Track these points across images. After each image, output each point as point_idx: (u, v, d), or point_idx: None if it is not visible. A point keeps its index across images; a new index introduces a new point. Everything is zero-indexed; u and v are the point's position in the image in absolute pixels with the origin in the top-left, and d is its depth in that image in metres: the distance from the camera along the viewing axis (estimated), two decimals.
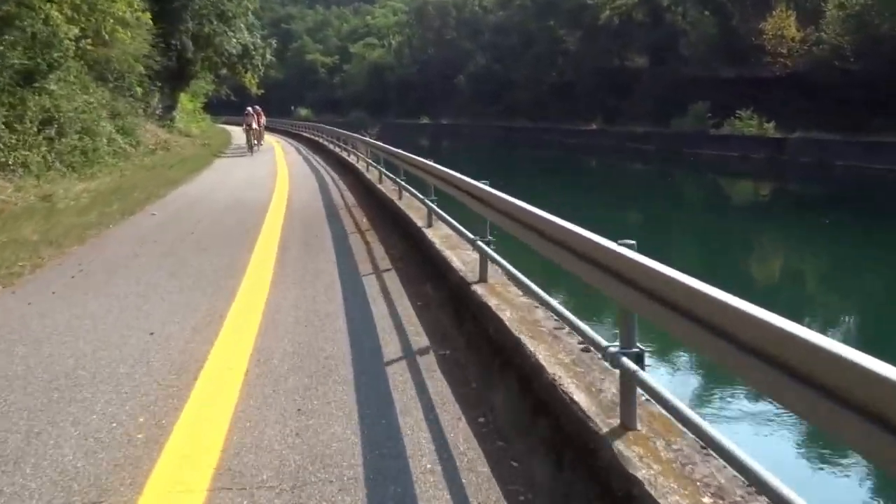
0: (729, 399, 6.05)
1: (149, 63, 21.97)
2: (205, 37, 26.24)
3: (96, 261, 6.70)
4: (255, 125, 24.41)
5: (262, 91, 49.78)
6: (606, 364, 2.83)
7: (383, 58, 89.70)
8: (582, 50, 52.84)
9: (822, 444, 5.11)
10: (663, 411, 2.45)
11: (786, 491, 1.61)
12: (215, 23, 26.62)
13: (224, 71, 30.26)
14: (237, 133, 37.10)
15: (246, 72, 29.95)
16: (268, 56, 31.80)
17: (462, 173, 5.88)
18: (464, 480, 2.66)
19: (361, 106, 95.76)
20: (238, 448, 2.85)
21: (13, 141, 12.16)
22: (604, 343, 2.71)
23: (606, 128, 47.22)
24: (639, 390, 2.46)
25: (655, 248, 3.49)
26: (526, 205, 3.80)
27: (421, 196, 7.50)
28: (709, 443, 2.00)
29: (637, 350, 2.48)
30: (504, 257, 4.45)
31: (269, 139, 38.26)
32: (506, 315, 3.82)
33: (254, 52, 29.62)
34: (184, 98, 32.54)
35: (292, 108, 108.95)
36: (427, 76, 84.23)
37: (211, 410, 3.23)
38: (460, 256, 5.44)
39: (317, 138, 29.35)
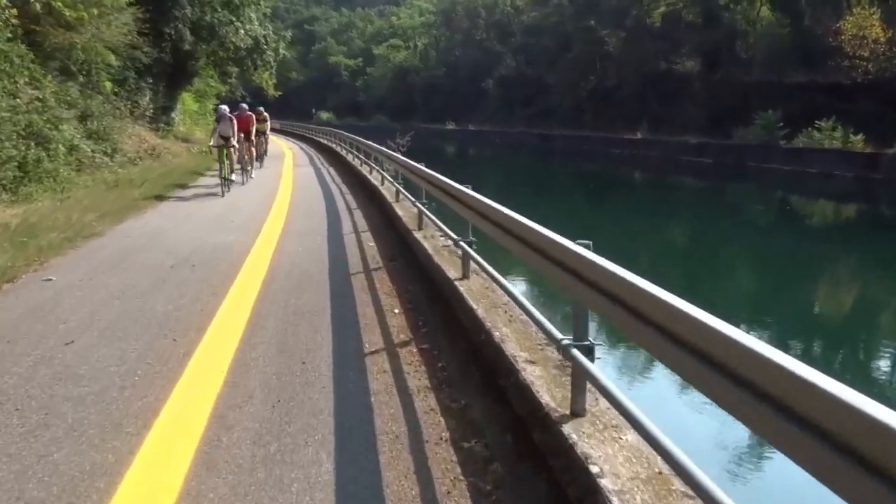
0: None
1: (134, 55, 18.26)
2: (207, 27, 22.52)
3: None
4: (239, 140, 14.57)
5: (280, 93, 46.43)
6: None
7: (408, 60, 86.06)
8: (625, 52, 48.47)
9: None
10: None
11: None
12: (220, 11, 22.87)
13: (232, 67, 26.46)
14: None
15: (255, 68, 26.13)
16: (281, 51, 27.94)
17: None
18: None
19: (384, 110, 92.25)
20: None
21: None
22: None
23: (652, 137, 42.82)
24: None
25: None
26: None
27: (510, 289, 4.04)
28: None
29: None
30: None
31: (283, 145, 34.63)
32: None
33: (265, 46, 25.81)
34: (187, 98, 28.89)
35: (313, 111, 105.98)
36: (454, 79, 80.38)
37: None
38: None
39: (335, 146, 25.56)
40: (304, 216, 10.76)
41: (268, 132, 19.81)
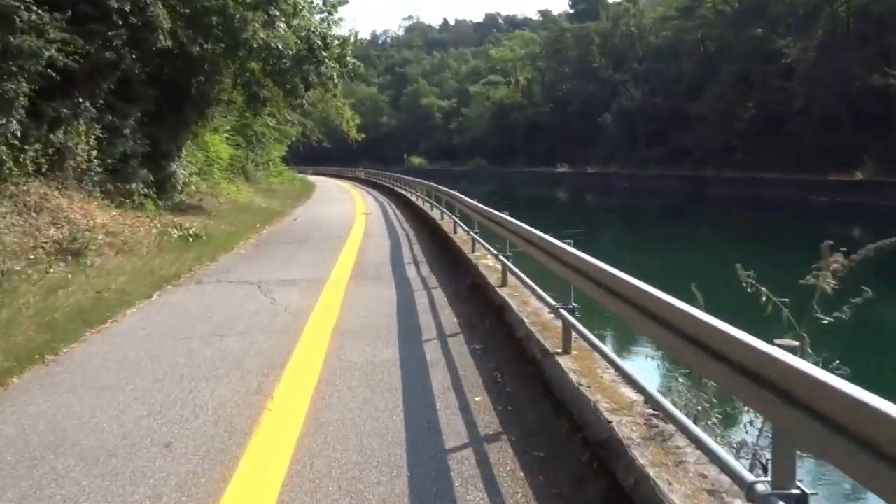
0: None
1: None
2: (209, 18, 13.04)
3: None
4: None
5: (364, 135, 37.44)
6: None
7: (509, 97, 76.40)
8: (815, 67, 35.90)
9: None
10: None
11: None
12: None
13: (272, 87, 16.76)
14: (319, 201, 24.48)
15: (308, 87, 16.35)
16: (349, 58, 18.02)
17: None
18: None
19: (482, 152, 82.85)
20: None
21: None
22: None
23: (880, 179, 29.75)
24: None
25: None
26: None
27: None
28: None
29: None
30: None
31: (359, 199, 25.19)
32: None
33: (323, 53, 16.10)
34: (216, 140, 19.65)
35: (405, 156, 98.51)
36: (562, 116, 69.80)
37: None
38: None
39: (423, 205, 15.64)
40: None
41: None
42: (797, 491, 1.80)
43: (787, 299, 3.43)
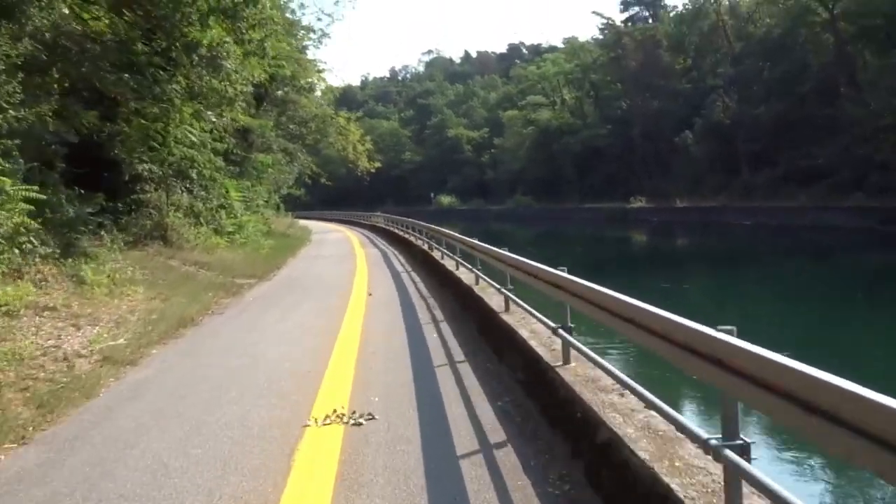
0: None
1: None
2: None
3: None
4: None
5: (378, 165, 25.43)
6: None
7: (554, 120, 63.92)
8: None
9: None
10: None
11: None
12: None
13: None
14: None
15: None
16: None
17: None
18: None
19: (522, 187, 70.31)
20: None
21: None
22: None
23: None
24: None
25: None
26: None
27: None
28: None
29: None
30: None
31: (362, 274, 12.41)
32: None
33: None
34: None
35: (432, 195, 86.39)
36: (623, 139, 57.12)
37: None
38: None
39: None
40: None
41: None
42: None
43: None
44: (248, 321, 8.80)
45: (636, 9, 63.37)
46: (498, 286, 7.47)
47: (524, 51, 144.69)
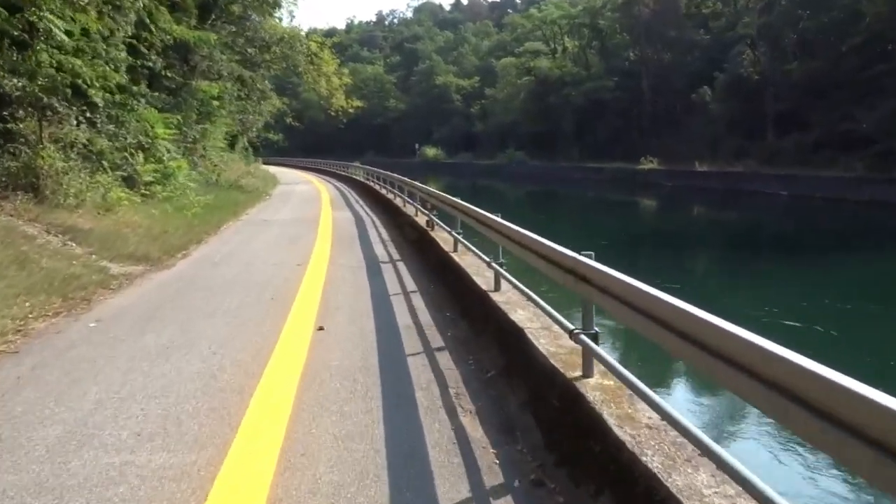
0: None
1: None
2: None
3: None
4: None
5: (357, 103, 20.24)
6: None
7: (555, 69, 58.18)
8: None
9: None
10: None
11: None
12: None
13: None
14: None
15: None
16: None
17: None
18: None
19: (514, 141, 64.92)
20: None
21: None
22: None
23: None
24: None
25: None
26: None
27: None
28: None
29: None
30: None
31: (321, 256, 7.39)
32: None
33: None
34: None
35: (416, 147, 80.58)
36: (631, 93, 51.84)
37: None
38: None
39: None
40: None
41: None
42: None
43: None
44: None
45: None
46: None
47: (518, 0, 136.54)
